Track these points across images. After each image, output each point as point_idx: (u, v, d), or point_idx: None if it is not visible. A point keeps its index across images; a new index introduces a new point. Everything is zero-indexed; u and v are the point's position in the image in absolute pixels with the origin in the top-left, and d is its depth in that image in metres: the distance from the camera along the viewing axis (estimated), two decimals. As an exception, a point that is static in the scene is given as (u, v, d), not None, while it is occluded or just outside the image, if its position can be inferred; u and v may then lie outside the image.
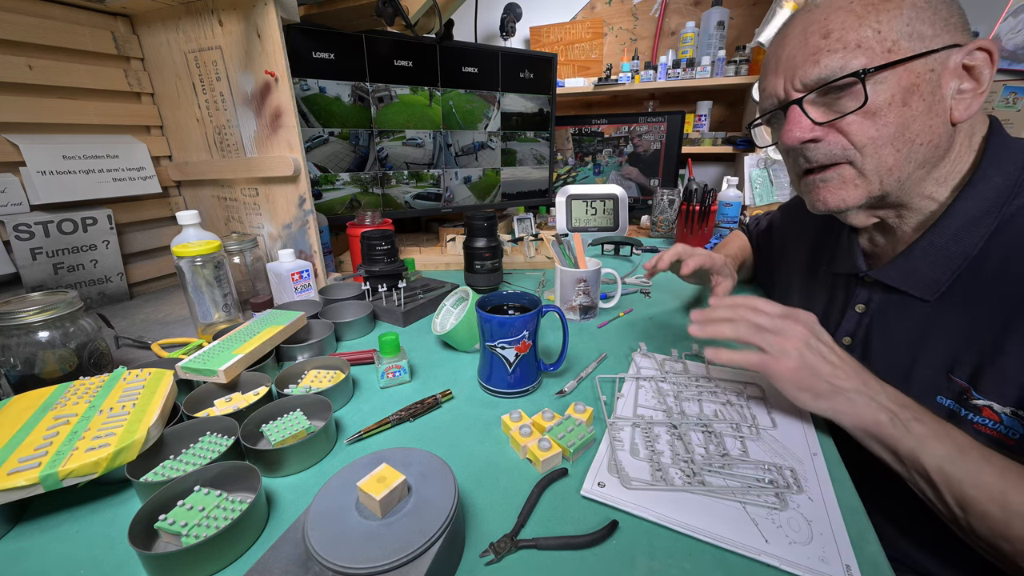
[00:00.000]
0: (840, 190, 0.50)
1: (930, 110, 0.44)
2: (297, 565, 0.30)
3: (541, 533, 0.37)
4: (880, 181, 0.47)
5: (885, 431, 0.42)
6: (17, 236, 0.76)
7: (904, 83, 0.43)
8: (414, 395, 0.57)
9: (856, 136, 0.46)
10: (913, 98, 0.44)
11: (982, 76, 0.44)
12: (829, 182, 0.50)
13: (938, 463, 0.39)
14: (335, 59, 0.99)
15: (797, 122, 0.48)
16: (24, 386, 0.53)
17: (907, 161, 0.46)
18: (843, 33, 0.44)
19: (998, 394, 0.43)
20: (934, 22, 0.43)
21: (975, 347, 0.45)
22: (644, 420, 0.51)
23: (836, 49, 0.44)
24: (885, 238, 0.55)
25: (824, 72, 0.45)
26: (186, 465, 0.43)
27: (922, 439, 0.40)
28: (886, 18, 0.43)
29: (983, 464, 0.38)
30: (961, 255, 0.47)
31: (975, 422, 0.45)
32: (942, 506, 0.40)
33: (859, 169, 0.48)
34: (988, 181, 0.46)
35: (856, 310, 0.57)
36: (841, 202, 0.50)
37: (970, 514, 0.38)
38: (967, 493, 0.38)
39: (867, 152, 0.46)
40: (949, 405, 0.47)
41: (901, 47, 0.43)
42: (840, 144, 0.47)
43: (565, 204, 0.83)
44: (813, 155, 0.49)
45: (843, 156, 0.48)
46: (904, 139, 0.45)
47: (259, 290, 0.88)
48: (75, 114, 0.83)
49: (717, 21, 1.63)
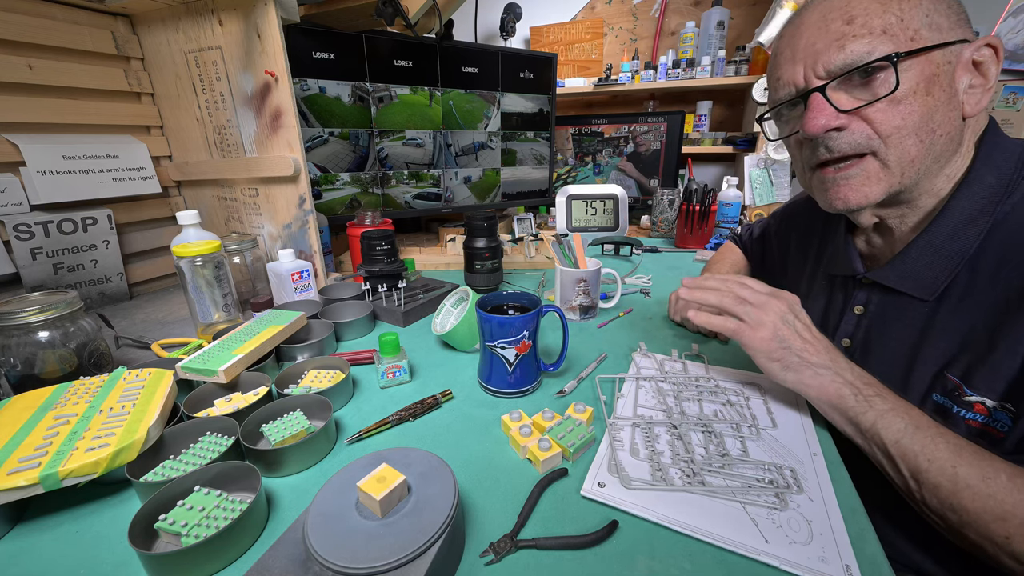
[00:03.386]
0: (864, 186, 0.48)
1: (949, 102, 0.44)
2: (297, 565, 0.30)
3: (541, 533, 0.37)
4: (902, 173, 0.46)
5: (847, 403, 0.45)
6: (17, 236, 0.76)
7: (927, 72, 0.43)
8: (414, 395, 0.57)
9: (881, 124, 0.45)
10: (935, 88, 0.44)
11: (989, 72, 0.45)
12: (852, 179, 0.48)
13: (895, 437, 0.41)
14: (335, 59, 0.99)
15: (821, 109, 0.46)
16: (24, 386, 0.53)
17: (927, 153, 0.45)
18: (867, 19, 0.44)
19: (989, 389, 0.44)
20: (948, 15, 0.44)
21: (969, 345, 0.45)
22: (644, 420, 0.51)
23: (862, 34, 0.44)
24: (882, 239, 0.55)
25: (851, 58, 0.44)
26: (186, 465, 0.43)
27: (882, 413, 0.43)
28: (908, 6, 0.43)
29: (937, 439, 0.40)
30: (958, 254, 0.47)
31: (966, 418, 0.45)
32: (898, 478, 0.42)
33: (882, 160, 0.46)
34: (982, 180, 0.46)
35: (854, 312, 0.57)
36: (864, 198, 0.48)
37: (923, 485, 0.40)
38: (920, 465, 0.40)
39: (892, 142, 0.45)
40: (941, 401, 0.47)
41: (923, 36, 0.43)
42: (865, 133, 0.46)
43: (565, 204, 0.83)
44: (836, 144, 0.47)
45: (867, 146, 0.46)
46: (927, 129, 0.44)
47: (259, 290, 0.88)
48: (75, 114, 0.83)
49: (717, 21, 1.63)
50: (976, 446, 0.40)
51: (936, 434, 0.40)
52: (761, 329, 0.49)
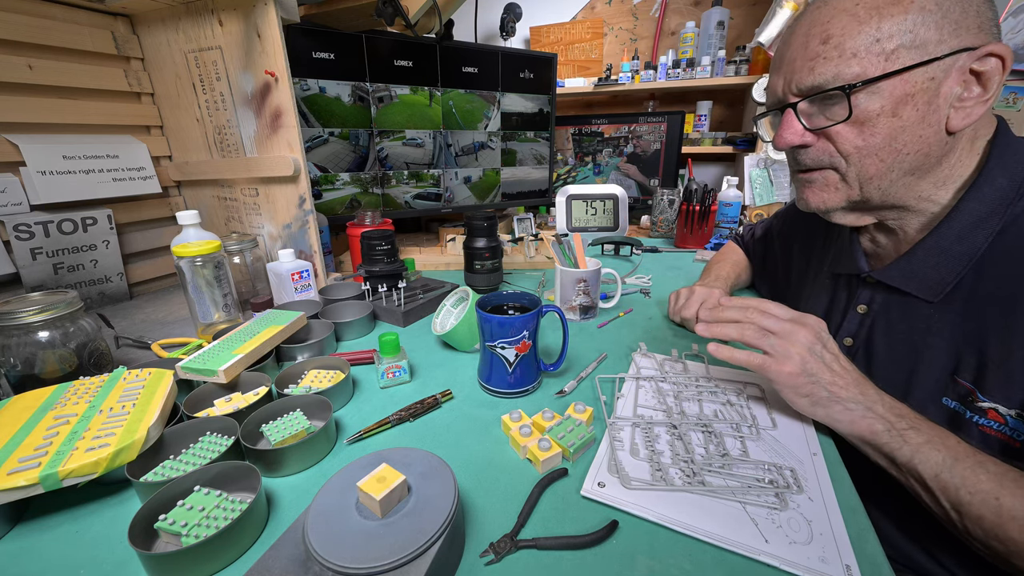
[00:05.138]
0: (822, 192, 0.52)
1: (923, 120, 0.44)
2: (297, 565, 0.30)
3: (541, 533, 0.37)
4: (860, 188, 0.49)
5: (880, 439, 0.43)
6: (17, 236, 0.76)
7: (898, 93, 0.43)
8: (414, 395, 0.57)
9: (842, 144, 0.47)
10: (906, 108, 0.43)
11: (990, 83, 0.42)
12: (813, 183, 0.52)
13: (934, 471, 0.40)
14: (335, 59, 0.99)
15: (789, 126, 0.49)
16: (24, 386, 0.53)
17: (890, 170, 0.47)
18: (842, 39, 0.44)
19: (1004, 396, 0.43)
20: (942, 26, 0.41)
21: (979, 349, 0.45)
22: (644, 420, 0.51)
23: (832, 57, 0.44)
24: (887, 238, 0.55)
25: (818, 80, 0.45)
26: (186, 465, 0.43)
27: (918, 448, 0.41)
28: (888, 24, 0.42)
29: (978, 470, 0.39)
30: (965, 256, 0.47)
31: (980, 424, 0.44)
32: (938, 510, 0.41)
33: (842, 174, 0.49)
34: (993, 183, 0.46)
35: (858, 311, 0.57)
36: (822, 203, 0.52)
37: (965, 517, 0.39)
38: (962, 498, 0.38)
39: (851, 160, 0.48)
40: (954, 407, 0.47)
41: (900, 56, 0.42)
42: (827, 151, 0.49)
43: (565, 204, 0.83)
44: (802, 159, 0.51)
45: (829, 163, 0.49)
46: (890, 149, 0.45)
47: (259, 290, 0.88)
48: (75, 114, 0.83)
49: (717, 21, 1.62)
50: (1017, 471, 0.38)
51: (976, 464, 0.39)
52: (788, 363, 0.45)
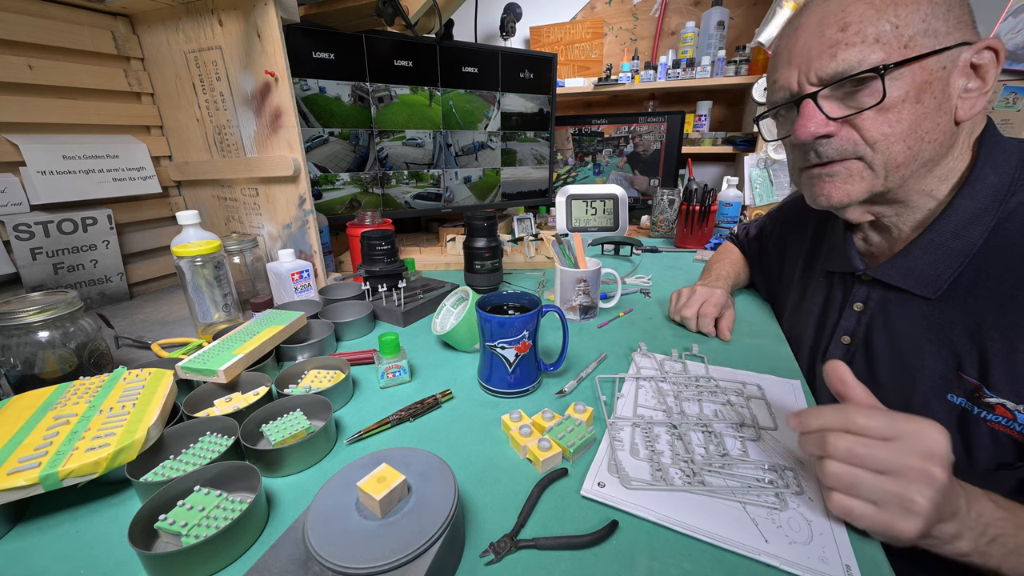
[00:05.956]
0: (846, 184, 0.49)
1: (939, 108, 0.44)
2: (297, 565, 0.30)
3: (541, 533, 0.37)
4: (886, 176, 0.48)
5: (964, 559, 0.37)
6: (17, 236, 0.76)
7: (918, 80, 0.43)
8: (414, 395, 0.57)
9: (869, 132, 0.46)
10: (926, 95, 0.44)
11: (988, 75, 0.44)
12: (836, 176, 0.50)
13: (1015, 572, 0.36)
14: (335, 59, 0.99)
15: (811, 116, 0.47)
16: (24, 386, 0.53)
17: (914, 158, 0.46)
18: (861, 26, 0.44)
19: (1012, 391, 0.43)
20: (947, 19, 0.43)
21: (981, 344, 0.45)
22: (644, 420, 0.51)
23: (854, 43, 0.44)
24: (881, 237, 0.55)
25: (842, 66, 0.44)
26: (186, 465, 0.43)
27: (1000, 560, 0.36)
28: (904, 12, 0.43)
29: None
30: (961, 252, 0.47)
31: (988, 420, 0.45)
32: None
33: (868, 163, 0.48)
34: (985, 179, 0.47)
35: (854, 309, 0.57)
36: (845, 196, 0.50)
37: None
38: None
39: (879, 148, 0.46)
40: (961, 404, 0.47)
41: (917, 43, 0.43)
42: (852, 140, 0.47)
43: (565, 204, 0.83)
44: (825, 150, 0.49)
45: (853, 152, 0.47)
46: (916, 136, 0.45)
47: (259, 290, 0.88)
48: (75, 114, 0.83)
49: (717, 21, 1.63)
50: None
51: None
52: (911, 520, 0.33)
